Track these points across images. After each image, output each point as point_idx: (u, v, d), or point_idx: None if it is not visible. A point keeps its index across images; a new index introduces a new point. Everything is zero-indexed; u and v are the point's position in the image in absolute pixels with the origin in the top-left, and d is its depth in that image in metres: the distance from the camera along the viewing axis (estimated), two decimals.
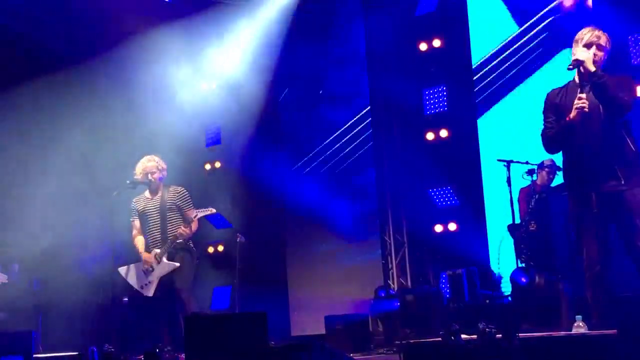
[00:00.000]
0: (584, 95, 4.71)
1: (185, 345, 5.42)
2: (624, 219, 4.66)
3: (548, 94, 5.05)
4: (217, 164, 10.90)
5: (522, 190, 8.03)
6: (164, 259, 6.83)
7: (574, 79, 4.93)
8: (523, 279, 6.62)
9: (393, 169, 9.80)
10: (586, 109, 4.65)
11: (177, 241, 6.87)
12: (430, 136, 9.32)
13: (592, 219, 4.70)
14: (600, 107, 4.70)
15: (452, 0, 9.36)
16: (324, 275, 10.26)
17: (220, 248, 10.51)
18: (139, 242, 7.03)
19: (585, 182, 4.72)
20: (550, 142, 4.95)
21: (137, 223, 7.08)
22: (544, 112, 5.02)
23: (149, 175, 7.01)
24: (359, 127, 10.40)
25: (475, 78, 9.30)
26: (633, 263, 4.71)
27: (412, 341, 4.81)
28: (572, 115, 4.68)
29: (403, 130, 9.77)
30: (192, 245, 7.07)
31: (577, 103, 4.67)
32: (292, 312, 10.44)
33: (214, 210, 7.01)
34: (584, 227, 4.76)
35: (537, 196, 7.62)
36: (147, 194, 7.12)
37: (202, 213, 6.90)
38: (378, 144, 9.97)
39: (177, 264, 6.81)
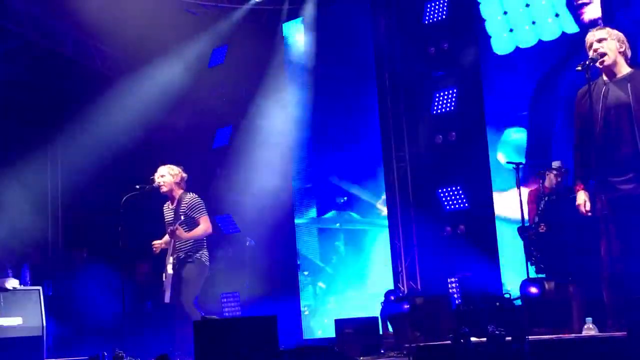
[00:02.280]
0: (581, 201, 4.73)
1: (195, 349, 5.43)
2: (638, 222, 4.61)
3: (577, 96, 4.98)
4: None
5: (530, 192, 8.02)
6: (168, 269, 6.84)
7: (601, 76, 4.87)
8: (534, 290, 6.59)
9: (403, 170, 9.80)
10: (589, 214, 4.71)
11: (183, 250, 6.86)
12: (439, 138, 9.32)
13: (613, 220, 4.65)
14: (624, 106, 4.63)
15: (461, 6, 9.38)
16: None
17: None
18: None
19: (607, 181, 4.67)
20: (576, 155, 4.92)
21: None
22: (574, 117, 4.97)
23: (161, 183, 7.03)
24: None
25: None
26: None
27: (421, 344, 4.80)
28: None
29: (412, 132, 9.77)
30: (201, 256, 6.99)
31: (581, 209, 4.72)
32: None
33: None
34: (605, 227, 4.71)
35: (546, 198, 7.60)
36: (169, 202, 7.15)
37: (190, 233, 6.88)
38: (387, 145, 9.97)
39: (170, 273, 6.80)
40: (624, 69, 4.75)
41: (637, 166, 4.55)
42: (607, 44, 4.74)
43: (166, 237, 7.01)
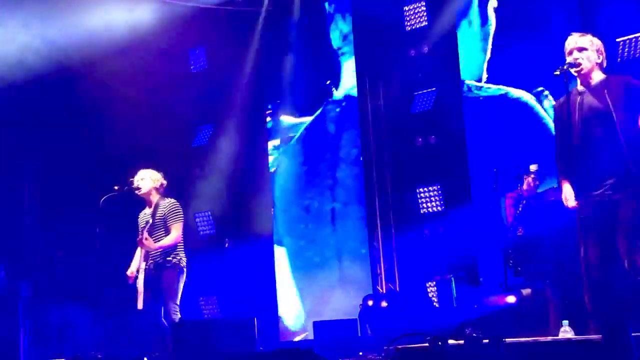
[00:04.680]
0: (567, 194, 4.77)
1: (173, 351, 5.42)
2: (623, 227, 4.63)
3: (555, 105, 5.01)
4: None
5: (508, 196, 8.06)
6: (140, 275, 6.75)
7: (576, 83, 4.91)
8: (512, 299, 6.63)
9: (382, 173, 9.83)
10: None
11: (160, 255, 6.79)
12: (418, 140, 9.36)
13: (594, 224, 4.67)
14: (601, 113, 4.66)
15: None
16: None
17: None
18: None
19: (588, 186, 4.70)
20: (558, 164, 4.96)
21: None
22: (554, 127, 5.00)
23: (140, 185, 6.96)
24: None
25: None
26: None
27: (399, 347, 4.81)
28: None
29: (392, 134, 9.81)
30: (179, 260, 6.84)
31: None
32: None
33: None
34: (584, 230, 4.73)
35: (524, 202, 7.65)
36: (146, 207, 7.08)
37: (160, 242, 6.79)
38: (367, 148, 10.00)
39: (142, 278, 6.72)
40: (598, 76, 4.79)
41: (617, 173, 4.59)
42: (588, 54, 4.76)
43: (134, 262, 6.92)
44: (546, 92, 8.82)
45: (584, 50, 4.73)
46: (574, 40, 4.80)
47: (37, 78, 9.40)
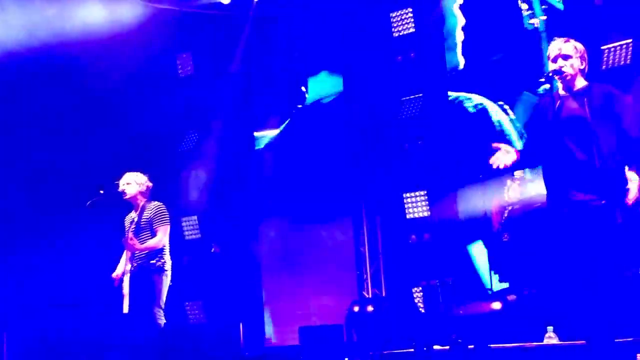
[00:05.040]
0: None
1: (159, 356, 5.40)
2: (601, 233, 4.67)
3: (535, 108, 5.04)
4: None
5: (495, 201, 8.09)
6: (125, 278, 6.72)
7: (558, 89, 4.93)
8: (497, 306, 6.65)
9: (369, 178, 9.85)
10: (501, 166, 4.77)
11: (144, 259, 6.76)
12: (405, 146, 9.40)
13: (573, 230, 4.71)
14: (580, 120, 4.69)
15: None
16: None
17: None
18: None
19: (564, 192, 4.73)
20: (522, 154, 4.98)
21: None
22: (527, 125, 5.04)
23: (125, 189, 6.94)
24: None
25: None
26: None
27: (385, 352, 4.82)
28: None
29: (379, 139, 9.83)
30: (163, 264, 6.79)
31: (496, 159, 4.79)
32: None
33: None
34: (567, 237, 4.76)
35: (510, 207, 7.68)
36: (132, 211, 7.05)
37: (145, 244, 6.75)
38: (353, 153, 10.02)
39: (127, 281, 6.69)
40: (580, 83, 4.81)
41: (594, 179, 4.62)
42: (572, 62, 4.77)
43: (120, 265, 6.90)
44: (506, 106, 8.94)
45: (569, 58, 4.75)
46: (558, 46, 4.79)
47: (20, 78, 9.36)
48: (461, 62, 9.38)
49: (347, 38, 10.20)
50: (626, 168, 4.51)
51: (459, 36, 9.40)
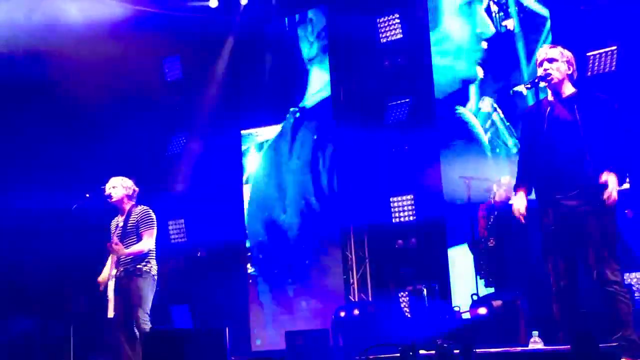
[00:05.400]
0: (519, 204, 4.84)
1: None
2: (586, 238, 4.68)
3: (524, 114, 5.07)
4: None
5: (481, 206, 8.13)
6: (110, 283, 6.68)
7: (547, 95, 4.96)
8: (483, 311, 6.67)
9: (355, 183, 9.86)
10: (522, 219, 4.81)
11: (130, 263, 6.71)
12: (391, 148, 9.45)
13: (560, 235, 4.73)
14: (569, 125, 4.72)
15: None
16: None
17: None
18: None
19: (552, 197, 4.75)
20: (519, 170, 5.01)
21: None
22: (520, 135, 5.06)
23: (111, 193, 6.90)
24: None
25: None
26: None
27: (370, 357, 4.82)
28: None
29: (366, 145, 9.85)
30: (150, 268, 6.73)
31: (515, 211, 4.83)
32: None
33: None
34: (550, 241, 4.78)
35: (495, 213, 7.71)
36: (118, 215, 7.01)
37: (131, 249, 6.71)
38: (341, 158, 10.02)
39: (112, 286, 6.65)
40: (568, 89, 4.85)
41: (582, 183, 4.65)
42: (558, 65, 4.81)
43: (106, 270, 6.86)
44: (495, 105, 9.00)
45: (554, 62, 4.80)
46: (544, 51, 4.86)
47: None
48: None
49: (338, 40, 10.24)
50: (606, 172, 4.55)
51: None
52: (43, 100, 9.78)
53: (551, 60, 4.81)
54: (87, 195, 6.94)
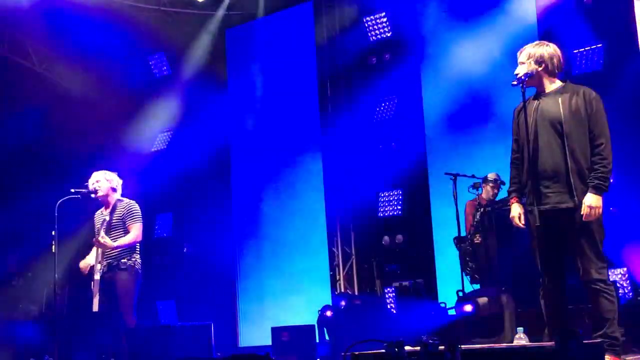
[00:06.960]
0: (515, 214, 4.87)
1: (129, 356, 5.36)
2: (572, 236, 4.70)
3: (513, 112, 5.10)
4: None
5: (468, 203, 8.14)
6: (95, 276, 6.64)
7: (533, 94, 5.00)
8: (469, 308, 6.69)
9: (342, 178, 9.88)
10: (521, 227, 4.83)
11: (114, 257, 6.68)
12: (379, 146, 9.48)
13: (545, 233, 4.75)
14: (553, 119, 4.75)
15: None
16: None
17: None
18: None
19: (538, 194, 4.76)
20: (512, 170, 5.03)
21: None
22: (511, 134, 5.08)
23: (96, 187, 6.86)
24: None
25: None
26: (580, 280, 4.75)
27: (356, 353, 4.82)
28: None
29: (353, 142, 9.87)
30: (134, 262, 6.72)
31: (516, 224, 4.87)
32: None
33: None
34: (539, 239, 4.80)
35: (482, 210, 7.72)
36: (102, 208, 6.98)
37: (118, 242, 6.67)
38: (328, 155, 10.03)
39: (97, 279, 6.61)
40: (553, 84, 4.88)
41: (566, 179, 4.68)
42: (524, 67, 4.87)
43: (89, 257, 6.82)
44: None
45: (522, 65, 4.88)
46: (518, 53, 4.94)
47: None
48: None
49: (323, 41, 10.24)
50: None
51: None
52: (26, 92, 9.75)
53: (520, 64, 4.90)
54: (73, 190, 6.88)
